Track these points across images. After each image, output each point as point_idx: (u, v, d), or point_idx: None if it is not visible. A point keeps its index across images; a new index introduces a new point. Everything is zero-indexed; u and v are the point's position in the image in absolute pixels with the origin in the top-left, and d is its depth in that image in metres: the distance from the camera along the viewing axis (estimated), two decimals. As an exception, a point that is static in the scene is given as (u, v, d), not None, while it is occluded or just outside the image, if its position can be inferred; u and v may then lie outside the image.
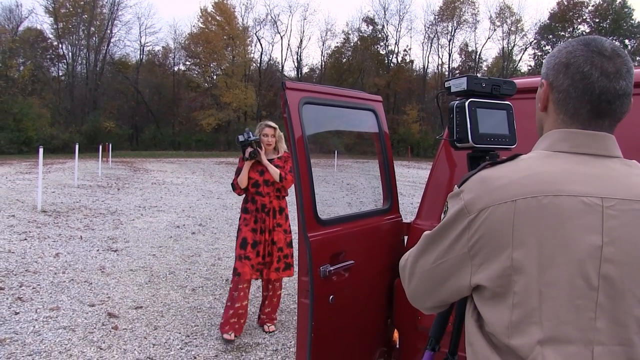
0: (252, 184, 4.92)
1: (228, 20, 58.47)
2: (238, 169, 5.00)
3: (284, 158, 5.03)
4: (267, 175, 4.89)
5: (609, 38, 1.25)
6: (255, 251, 4.83)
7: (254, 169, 4.91)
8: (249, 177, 4.91)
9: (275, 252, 4.88)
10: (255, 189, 4.91)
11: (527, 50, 63.77)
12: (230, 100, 54.15)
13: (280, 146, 5.09)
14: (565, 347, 1.14)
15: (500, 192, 1.20)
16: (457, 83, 1.87)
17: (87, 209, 12.61)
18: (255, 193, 4.91)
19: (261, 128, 5.07)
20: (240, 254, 4.82)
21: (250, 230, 4.86)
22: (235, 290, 4.81)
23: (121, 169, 27.05)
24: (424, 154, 53.22)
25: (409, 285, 1.46)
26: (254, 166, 4.90)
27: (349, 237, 2.72)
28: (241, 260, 4.80)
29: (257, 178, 4.91)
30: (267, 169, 4.88)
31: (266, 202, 4.91)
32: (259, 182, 4.90)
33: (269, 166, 4.88)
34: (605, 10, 57.82)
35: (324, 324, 2.54)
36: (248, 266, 4.78)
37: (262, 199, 4.90)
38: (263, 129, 5.05)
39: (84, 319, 5.25)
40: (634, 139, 1.96)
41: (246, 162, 4.88)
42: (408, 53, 70.69)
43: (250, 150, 4.83)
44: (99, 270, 7.05)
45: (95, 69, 55.88)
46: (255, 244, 4.83)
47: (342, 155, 34.40)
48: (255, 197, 4.92)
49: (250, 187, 4.93)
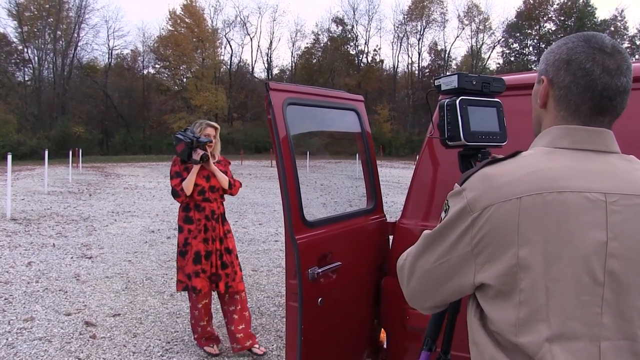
0: (197, 191, 4.49)
1: (197, 23, 58.15)
2: (176, 173, 4.53)
3: (223, 162, 4.73)
4: (213, 181, 4.55)
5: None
6: (209, 262, 4.49)
7: (199, 175, 4.51)
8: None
9: (235, 260, 4.61)
10: (202, 196, 4.51)
11: (496, 48, 64.86)
12: (201, 102, 53.82)
13: (217, 149, 4.74)
14: (572, 344, 1.14)
15: (505, 190, 1.18)
16: (447, 81, 1.86)
17: (58, 215, 12.39)
18: (202, 200, 4.51)
19: (202, 127, 4.64)
20: (197, 270, 4.44)
21: (201, 242, 4.47)
22: (196, 309, 4.58)
23: (92, 174, 26.66)
24: (395, 153, 53.62)
25: (408, 285, 1.44)
26: (198, 171, 4.50)
27: (336, 239, 2.70)
28: (199, 276, 4.44)
29: (204, 184, 4.52)
30: (215, 175, 4.55)
31: (215, 208, 4.55)
32: (205, 188, 4.53)
33: (217, 172, 4.55)
34: (570, 9, 59.12)
35: (313, 326, 2.51)
36: (205, 280, 4.47)
37: (211, 205, 4.53)
38: (204, 128, 4.63)
39: (60, 328, 5.14)
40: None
41: (195, 165, 4.47)
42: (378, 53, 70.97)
43: (201, 153, 4.45)
44: (74, 278, 6.92)
45: (63, 74, 54.93)
46: (208, 255, 4.49)
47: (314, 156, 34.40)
48: (201, 205, 4.51)
49: (195, 195, 4.49)
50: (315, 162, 33.61)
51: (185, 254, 4.49)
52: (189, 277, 4.46)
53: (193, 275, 4.44)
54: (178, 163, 4.57)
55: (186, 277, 4.48)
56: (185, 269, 4.49)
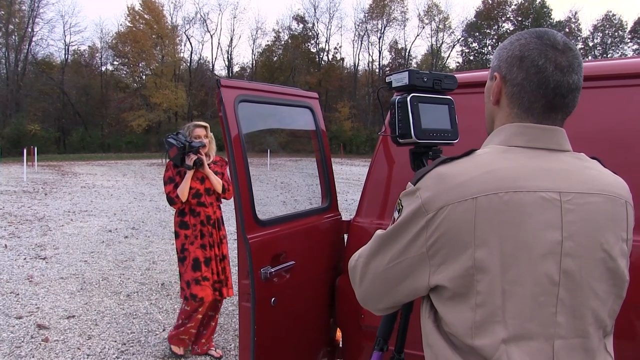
0: (192, 194, 4.35)
1: (156, 19, 57.19)
2: (170, 179, 4.40)
3: (219, 163, 4.60)
4: (207, 182, 4.42)
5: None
6: (210, 269, 4.35)
7: (194, 177, 4.37)
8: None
9: (227, 267, 4.50)
10: (197, 199, 4.37)
11: (455, 47, 65.58)
12: (160, 100, 52.96)
13: (212, 148, 4.59)
14: (528, 344, 1.14)
15: (460, 190, 1.16)
16: (398, 78, 1.84)
17: (11, 215, 12.06)
18: (197, 204, 4.37)
19: (190, 130, 4.50)
20: (197, 277, 4.28)
21: (199, 248, 4.33)
22: (194, 312, 4.38)
23: (48, 173, 26.01)
24: (356, 150, 53.76)
25: (360, 287, 1.41)
26: (193, 173, 4.38)
27: (289, 237, 2.67)
28: (200, 284, 4.28)
29: (198, 187, 4.37)
30: (209, 178, 4.41)
31: (210, 213, 4.40)
32: (200, 191, 4.38)
33: (211, 175, 4.41)
34: (527, 9, 60.37)
35: (266, 326, 2.48)
36: (209, 287, 4.32)
37: (206, 210, 4.39)
38: (193, 130, 4.48)
39: (10, 332, 5.00)
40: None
41: (188, 171, 4.32)
42: (339, 51, 71.19)
43: (194, 157, 4.32)
44: (27, 280, 6.74)
45: (17, 70, 53.36)
46: (208, 262, 4.35)
47: (275, 154, 34.31)
48: (196, 209, 4.37)
49: (190, 198, 4.35)
50: (276, 160, 33.51)
51: (184, 260, 4.37)
52: (188, 284, 4.32)
53: (192, 283, 4.30)
54: (171, 168, 4.45)
55: (186, 285, 4.34)
56: (184, 276, 4.35)
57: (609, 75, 2.33)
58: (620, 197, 1.23)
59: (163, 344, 4.75)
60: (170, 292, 6.37)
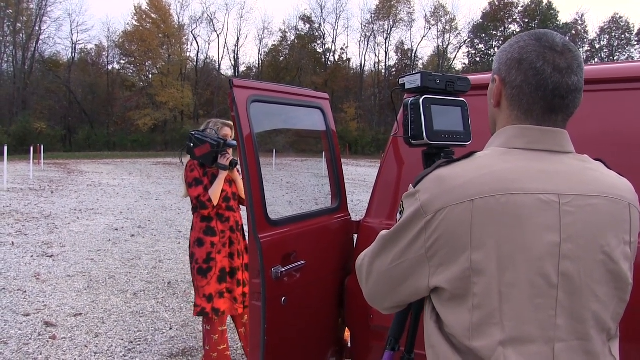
0: (222, 197, 3.93)
1: (163, 18, 57.35)
2: (196, 180, 3.89)
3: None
4: (234, 186, 4.07)
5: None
6: (234, 281, 3.91)
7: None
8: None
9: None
10: (226, 203, 3.96)
11: (462, 48, 65.59)
12: (167, 99, 53.10)
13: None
14: (527, 347, 1.13)
15: (458, 192, 1.17)
16: (411, 80, 1.85)
17: (18, 213, 12.11)
18: (227, 208, 3.96)
19: (217, 127, 4.05)
20: (220, 290, 3.83)
21: (227, 257, 3.89)
22: (215, 333, 3.88)
23: (54, 171, 26.11)
24: (362, 151, 53.79)
25: (366, 286, 1.44)
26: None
27: (300, 237, 2.69)
28: (222, 297, 3.83)
29: (227, 190, 3.97)
30: (236, 182, 4.05)
31: (238, 219, 4.03)
32: (229, 195, 3.98)
33: (238, 179, 4.05)
34: (534, 11, 60.32)
35: (276, 325, 2.50)
36: (230, 301, 3.89)
37: (235, 215, 4.01)
38: (221, 128, 4.05)
39: (18, 329, 5.02)
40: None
41: (221, 172, 3.90)
42: (345, 51, 71.03)
43: (230, 157, 3.94)
44: (34, 277, 6.77)
45: (24, 68, 53.57)
46: (233, 273, 3.92)
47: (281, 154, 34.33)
48: (225, 214, 3.94)
49: (220, 201, 3.92)
50: (282, 160, 33.53)
51: (208, 272, 3.84)
52: (210, 298, 3.81)
53: (216, 296, 3.83)
54: (197, 168, 3.95)
55: (205, 300, 3.81)
56: (205, 289, 3.82)
57: (617, 79, 2.33)
58: (622, 199, 1.22)
59: (170, 343, 4.77)
60: (177, 290, 6.39)
